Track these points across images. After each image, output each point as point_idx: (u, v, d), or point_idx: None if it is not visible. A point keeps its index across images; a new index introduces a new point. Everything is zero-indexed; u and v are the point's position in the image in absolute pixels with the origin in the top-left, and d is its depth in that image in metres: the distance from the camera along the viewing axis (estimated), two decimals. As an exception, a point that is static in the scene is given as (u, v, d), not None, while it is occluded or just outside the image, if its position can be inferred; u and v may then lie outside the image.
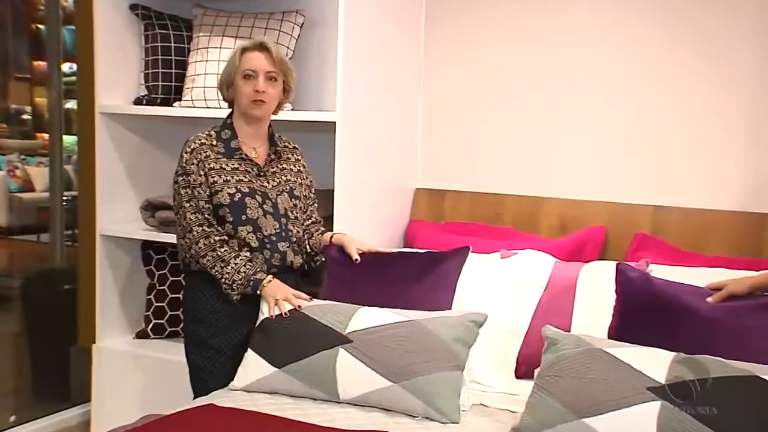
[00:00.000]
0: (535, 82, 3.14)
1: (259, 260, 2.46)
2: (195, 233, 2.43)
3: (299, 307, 2.39)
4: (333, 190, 2.86)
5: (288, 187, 2.56)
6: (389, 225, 3.22)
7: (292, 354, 2.30)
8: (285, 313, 2.37)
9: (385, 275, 2.55)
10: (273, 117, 2.59)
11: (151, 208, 3.20)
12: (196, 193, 2.44)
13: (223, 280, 2.41)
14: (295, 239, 2.55)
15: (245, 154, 2.51)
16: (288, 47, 3.10)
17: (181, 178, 2.46)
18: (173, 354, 3.06)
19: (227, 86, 2.51)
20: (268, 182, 2.52)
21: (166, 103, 3.24)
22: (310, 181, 2.68)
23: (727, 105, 2.85)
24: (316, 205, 2.69)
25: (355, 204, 2.95)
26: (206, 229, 2.44)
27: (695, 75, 2.89)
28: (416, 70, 3.33)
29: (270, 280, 2.43)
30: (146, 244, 3.37)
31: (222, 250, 2.43)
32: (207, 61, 3.10)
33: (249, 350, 2.38)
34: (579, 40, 3.06)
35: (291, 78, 2.54)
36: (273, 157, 2.56)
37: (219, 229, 2.45)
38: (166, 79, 3.24)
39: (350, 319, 2.32)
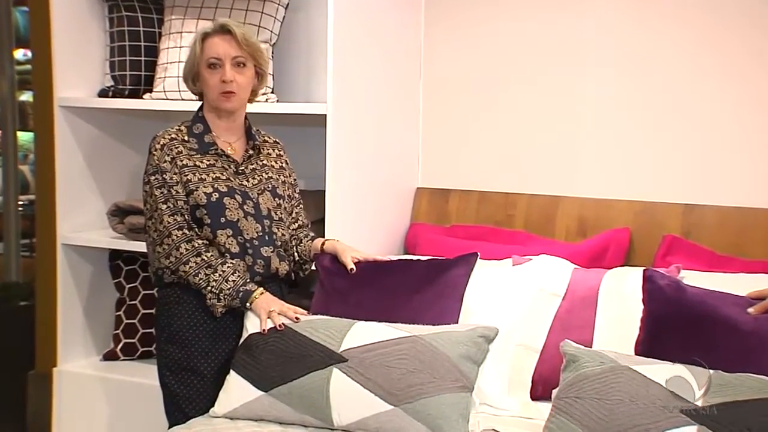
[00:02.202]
0: (550, 67, 3.14)
1: (241, 268, 2.46)
2: (175, 237, 2.43)
3: (297, 319, 2.39)
4: (324, 191, 2.86)
5: (270, 186, 2.57)
6: (387, 229, 3.23)
7: (280, 375, 2.30)
8: (279, 326, 2.37)
9: (383, 286, 2.55)
10: (249, 107, 2.59)
11: (119, 213, 3.20)
12: (174, 193, 2.44)
13: (209, 288, 2.41)
14: (280, 243, 2.56)
15: (221, 150, 2.51)
16: (272, 31, 3.10)
17: (153, 178, 2.46)
18: (146, 377, 3.06)
19: (192, 78, 2.52)
20: (247, 180, 2.53)
21: (135, 95, 3.24)
22: (294, 180, 2.68)
23: (763, 91, 2.86)
24: (301, 206, 2.70)
25: (348, 206, 2.96)
26: (187, 232, 2.44)
27: (732, 57, 2.90)
28: (416, 55, 3.33)
29: (262, 293, 2.43)
30: (114, 254, 3.37)
31: (208, 255, 2.43)
32: (181, 47, 3.10)
33: (231, 372, 2.38)
34: (599, 20, 3.06)
35: (263, 60, 2.53)
36: (251, 152, 2.57)
37: (199, 233, 2.46)
38: (134, 68, 3.24)
39: (345, 336, 2.32)
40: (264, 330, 2.38)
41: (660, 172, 3.01)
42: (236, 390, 2.34)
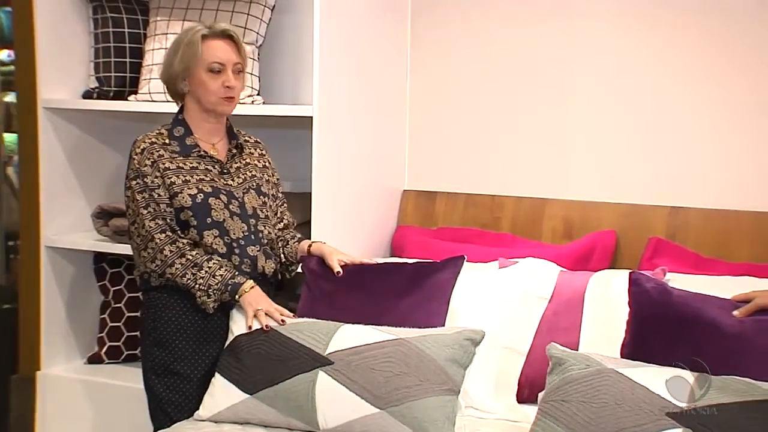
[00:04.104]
0: (537, 71, 3.15)
1: (229, 264, 2.45)
2: (158, 241, 2.42)
3: (282, 322, 2.39)
4: (310, 194, 2.86)
5: (254, 184, 2.56)
6: (374, 232, 3.23)
7: (266, 378, 2.30)
8: (265, 326, 2.37)
9: (370, 289, 2.55)
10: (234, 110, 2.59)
11: (104, 215, 3.19)
12: (156, 196, 2.43)
13: (196, 287, 2.39)
14: (266, 241, 2.55)
15: (203, 151, 2.50)
16: (258, 33, 3.10)
17: (135, 182, 2.45)
18: (131, 381, 3.04)
19: (183, 78, 2.48)
20: (232, 180, 2.52)
21: (120, 96, 3.23)
22: (277, 179, 2.68)
23: (750, 96, 2.88)
24: (285, 205, 2.70)
25: (335, 209, 2.96)
26: (170, 234, 2.43)
27: (717, 64, 2.92)
28: (402, 57, 3.33)
29: (252, 286, 2.42)
30: (99, 257, 3.35)
31: (193, 253, 2.42)
32: (166, 48, 3.08)
33: (217, 375, 2.37)
34: (587, 25, 3.07)
35: (246, 66, 2.56)
36: (234, 151, 2.57)
37: (185, 235, 2.45)
38: (119, 70, 3.23)
39: (331, 338, 2.32)
40: (249, 327, 2.37)
41: (645, 175, 3.03)
42: (221, 393, 2.34)
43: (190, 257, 2.41)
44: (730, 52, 2.90)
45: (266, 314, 2.39)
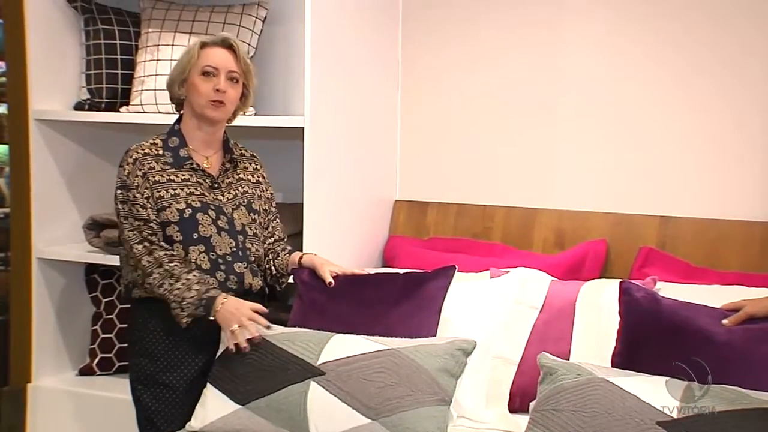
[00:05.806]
0: (528, 82, 3.17)
1: (211, 282, 2.44)
2: (136, 251, 2.41)
3: (257, 338, 2.35)
4: (302, 204, 2.86)
5: (245, 200, 2.56)
6: (365, 242, 3.23)
7: (258, 389, 2.30)
8: (243, 347, 2.34)
9: (361, 299, 2.55)
10: (227, 124, 2.59)
11: (96, 226, 3.19)
12: (135, 211, 2.42)
13: (172, 298, 2.37)
14: (253, 258, 2.55)
15: (196, 164, 2.50)
16: (249, 44, 3.11)
17: (119, 192, 2.45)
18: (122, 392, 3.01)
19: (179, 83, 2.49)
20: (222, 195, 2.52)
21: (112, 108, 3.23)
22: (271, 194, 2.68)
23: (739, 105, 2.90)
24: (278, 220, 2.70)
25: (326, 219, 2.96)
26: (147, 245, 2.42)
27: (706, 74, 2.94)
28: (394, 68, 3.35)
29: (224, 301, 2.36)
30: (90, 268, 3.36)
31: (171, 264, 2.40)
32: (158, 60, 3.10)
33: (208, 385, 2.37)
34: (577, 40, 3.09)
35: (251, 82, 2.54)
36: (228, 166, 2.56)
37: (164, 245, 2.44)
38: (111, 81, 3.24)
39: (323, 349, 2.33)
40: (231, 349, 2.35)
41: (636, 185, 3.04)
42: (213, 403, 2.34)
43: (167, 268, 2.39)
44: (723, 64, 2.92)
45: (241, 326, 2.34)
